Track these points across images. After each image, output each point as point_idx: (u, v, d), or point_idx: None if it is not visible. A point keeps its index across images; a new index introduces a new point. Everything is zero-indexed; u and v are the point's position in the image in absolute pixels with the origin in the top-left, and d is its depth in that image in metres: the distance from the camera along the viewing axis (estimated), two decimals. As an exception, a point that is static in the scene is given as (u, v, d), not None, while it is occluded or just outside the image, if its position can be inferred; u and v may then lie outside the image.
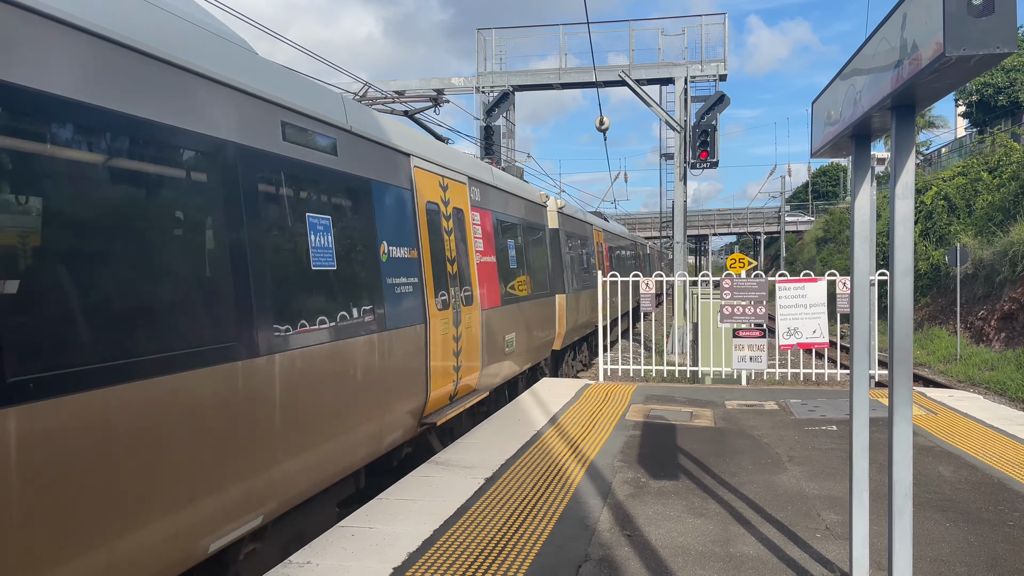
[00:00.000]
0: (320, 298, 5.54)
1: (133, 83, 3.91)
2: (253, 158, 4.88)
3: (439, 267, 8.00)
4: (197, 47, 4.51)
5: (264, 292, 4.82)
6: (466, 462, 6.78)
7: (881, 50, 3.22)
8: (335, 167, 6.01)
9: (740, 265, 19.23)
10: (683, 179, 21.32)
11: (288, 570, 4.38)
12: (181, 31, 4.42)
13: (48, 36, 3.44)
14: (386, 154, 7.06)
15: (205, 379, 4.21)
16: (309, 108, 5.68)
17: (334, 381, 5.63)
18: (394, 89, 23.96)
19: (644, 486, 6.08)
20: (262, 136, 5.03)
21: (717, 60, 21.44)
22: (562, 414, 9.03)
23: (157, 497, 3.83)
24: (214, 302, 4.39)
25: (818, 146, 4.50)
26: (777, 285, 10.51)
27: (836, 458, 6.92)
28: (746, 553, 4.67)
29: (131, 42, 3.90)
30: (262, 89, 5.08)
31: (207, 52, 4.59)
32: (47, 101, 3.40)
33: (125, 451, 3.65)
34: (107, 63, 3.76)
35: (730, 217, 67.25)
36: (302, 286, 5.33)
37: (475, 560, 4.55)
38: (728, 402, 9.92)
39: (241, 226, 4.66)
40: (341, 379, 5.75)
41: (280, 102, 5.30)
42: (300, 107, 5.56)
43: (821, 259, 45.02)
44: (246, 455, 4.53)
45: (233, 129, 4.72)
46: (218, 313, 4.40)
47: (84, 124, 3.59)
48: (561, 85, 22.92)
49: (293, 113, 5.46)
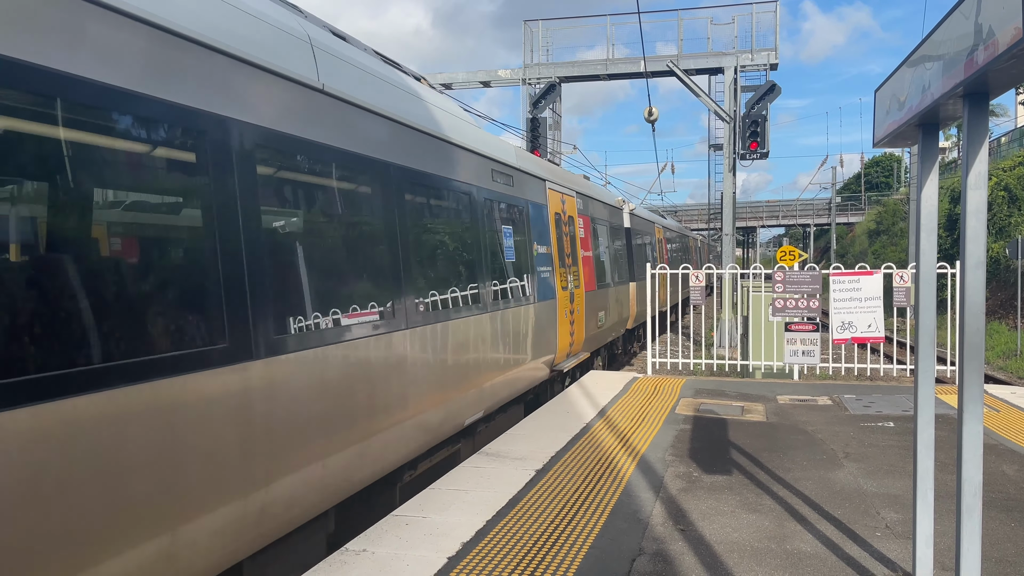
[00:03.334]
0: (513, 278, 8.59)
1: (437, 154, 6.78)
2: (482, 192, 7.93)
3: (562, 259, 10.78)
4: (459, 129, 7.47)
5: (497, 272, 8.05)
6: (516, 453, 6.79)
7: (953, 35, 3.11)
8: (512, 193, 9.01)
9: (791, 258, 18.90)
10: (732, 170, 21.01)
11: (345, 557, 4.45)
12: (452, 120, 7.42)
13: (404, 135, 6.12)
14: (533, 181, 9.99)
15: (475, 321, 7.25)
16: (501, 158, 8.70)
17: (517, 330, 8.51)
18: (441, 82, 24.03)
19: (696, 481, 6.02)
20: (484, 179, 8.05)
21: (768, 49, 21.05)
22: (611, 407, 8.99)
23: (447, 387, 6.55)
24: (474, 279, 7.41)
25: (881, 135, 4.38)
26: (831, 278, 10.29)
27: (894, 455, 6.77)
28: (803, 550, 4.59)
29: (437, 133, 6.79)
30: (484, 150, 8.06)
31: (463, 131, 7.59)
32: (415, 175, 6.27)
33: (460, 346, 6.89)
34: (429, 147, 6.59)
35: (779, 209, 66.12)
36: (505, 271, 8.37)
37: (528, 551, 4.56)
38: (780, 397, 9.76)
39: (482, 233, 7.78)
40: (520, 328, 8.63)
41: (490, 156, 8.25)
42: (497, 158, 8.53)
43: (873, 251, 44.02)
44: (477, 374, 7.30)
45: (473, 176, 7.67)
46: (477, 288, 7.44)
47: (423, 183, 6.45)
48: (608, 76, 22.74)
49: (495, 162, 8.46)
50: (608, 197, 15.96)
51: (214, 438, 3.69)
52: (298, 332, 4.42)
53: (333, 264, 4.99)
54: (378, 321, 5.35)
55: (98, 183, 3.32)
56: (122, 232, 3.48)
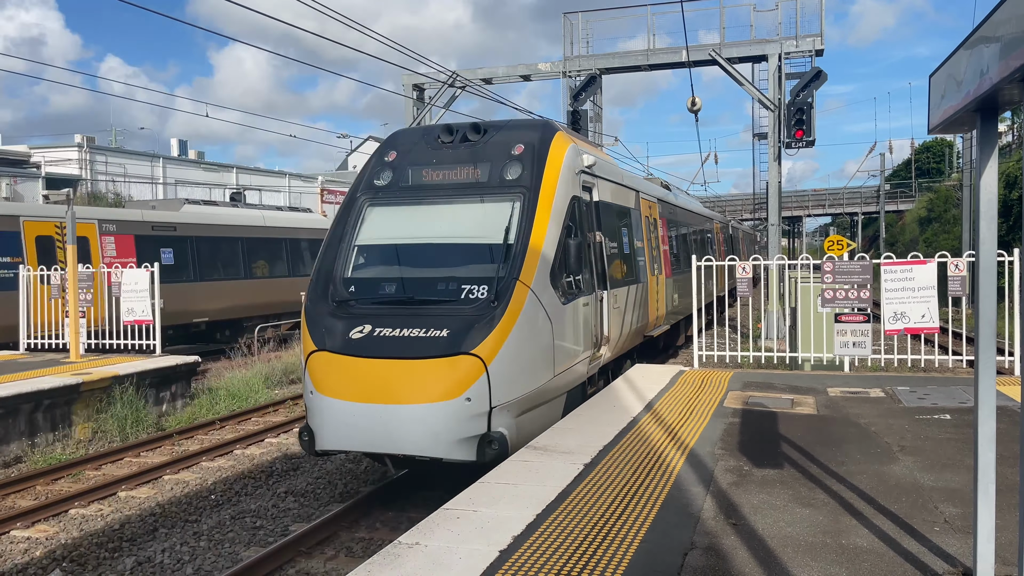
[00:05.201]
0: (628, 267, 11.85)
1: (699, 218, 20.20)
2: (647, 220, 13.66)
3: (650, 251, 13.70)
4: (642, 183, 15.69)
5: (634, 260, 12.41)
6: (564, 447, 6.81)
7: (1016, 14, 3.02)
8: (626, 205, 12.22)
9: (839, 247, 18.52)
10: (777, 159, 20.66)
11: (398, 550, 4.51)
12: (642, 183, 15.69)
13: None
14: (633, 193, 12.86)
15: (640, 287, 12.62)
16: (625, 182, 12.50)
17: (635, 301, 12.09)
18: (481, 77, 24.08)
19: (747, 474, 5.97)
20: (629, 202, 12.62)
21: (813, 35, 20.63)
22: (657, 400, 8.94)
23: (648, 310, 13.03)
24: (629, 266, 11.94)
25: (937, 121, 4.27)
26: (883, 268, 10.08)
27: (952, 448, 6.62)
28: (859, 545, 4.52)
29: (695, 209, 21.01)
30: (640, 186, 14.12)
31: (642, 183, 15.42)
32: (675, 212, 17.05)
33: (635, 302, 12.07)
34: (688, 212, 19.15)
35: (825, 197, 64.84)
36: (631, 261, 12.11)
37: (580, 544, 4.57)
38: (830, 389, 9.60)
39: (639, 238, 12.96)
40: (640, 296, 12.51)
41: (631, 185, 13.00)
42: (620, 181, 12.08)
43: (925, 239, 42.90)
44: (644, 309, 12.59)
45: (635, 210, 13.02)
46: (631, 269, 12.05)
47: (678, 223, 17.73)
48: (649, 67, 22.51)
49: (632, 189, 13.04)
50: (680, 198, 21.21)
51: (632, 304, 11.59)
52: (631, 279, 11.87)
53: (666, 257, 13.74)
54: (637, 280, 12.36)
55: (693, 239, 18.79)
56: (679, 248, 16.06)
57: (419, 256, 8.48)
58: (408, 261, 8.49)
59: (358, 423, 7.17)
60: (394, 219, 8.79)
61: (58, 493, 9.01)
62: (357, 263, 8.54)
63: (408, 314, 7.67)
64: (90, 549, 7.27)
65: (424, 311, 7.68)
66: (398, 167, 8.99)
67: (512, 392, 7.36)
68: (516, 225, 8.16)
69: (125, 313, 13.49)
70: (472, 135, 8.94)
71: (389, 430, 7.06)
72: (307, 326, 7.95)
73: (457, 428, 7.02)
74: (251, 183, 46.67)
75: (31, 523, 8.00)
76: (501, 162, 8.63)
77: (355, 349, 7.39)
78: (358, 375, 7.25)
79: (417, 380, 7.09)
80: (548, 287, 8.04)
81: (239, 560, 6.99)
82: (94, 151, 42.15)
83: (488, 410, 7.12)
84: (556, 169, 8.61)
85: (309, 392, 7.57)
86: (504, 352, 7.29)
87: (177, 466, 9.92)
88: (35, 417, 10.45)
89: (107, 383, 11.39)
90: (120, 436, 11.23)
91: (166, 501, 8.64)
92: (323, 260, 8.58)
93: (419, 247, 8.52)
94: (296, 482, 9.33)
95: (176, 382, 13.06)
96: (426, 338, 7.29)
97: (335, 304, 8.02)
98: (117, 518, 8.12)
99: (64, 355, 13.65)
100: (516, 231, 8.12)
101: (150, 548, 7.34)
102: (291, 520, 8.06)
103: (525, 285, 7.71)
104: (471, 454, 7.07)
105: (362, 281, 8.36)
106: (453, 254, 8.30)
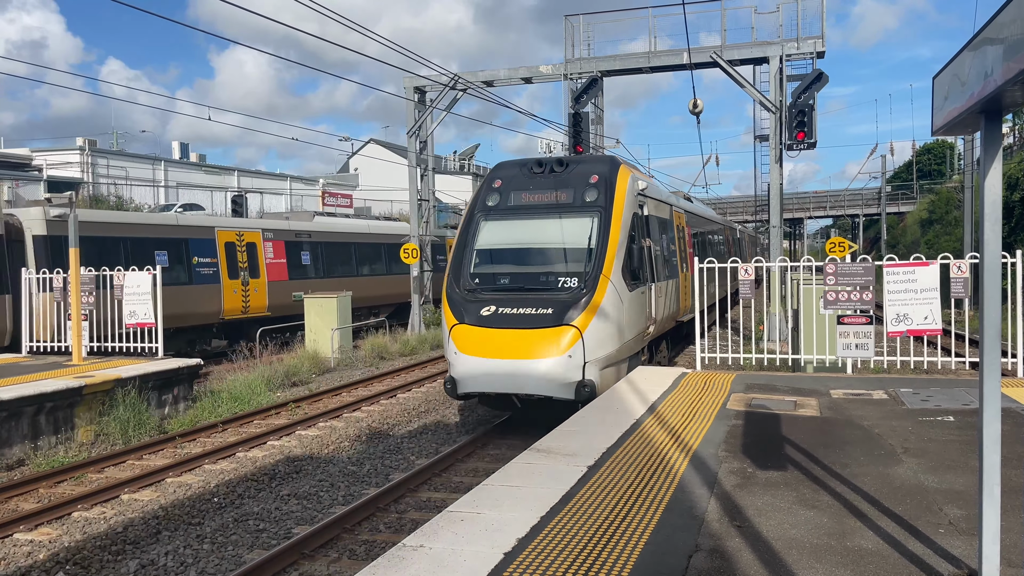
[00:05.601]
0: (668, 265, 14.16)
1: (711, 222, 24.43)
2: (679, 229, 16.63)
3: (681, 253, 16.13)
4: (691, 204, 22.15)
5: (673, 260, 15.14)
6: (567, 450, 6.80)
7: (1021, 16, 3.02)
8: (665, 216, 14.81)
9: (841, 249, 18.51)
10: (779, 161, 20.67)
11: (403, 552, 4.51)
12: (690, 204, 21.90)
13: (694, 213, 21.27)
14: (668, 207, 15.48)
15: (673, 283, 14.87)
16: (663, 198, 15.20)
17: (672, 292, 14.28)
18: (482, 79, 24.09)
19: (751, 476, 5.96)
20: (666, 214, 15.23)
21: (814, 37, 20.64)
22: (660, 403, 8.94)
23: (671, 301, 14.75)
24: (668, 265, 14.45)
25: (941, 123, 4.27)
26: (885, 270, 10.08)
27: (955, 450, 6.61)
28: (864, 547, 4.52)
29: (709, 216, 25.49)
30: (680, 204, 18.35)
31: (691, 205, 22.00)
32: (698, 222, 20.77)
33: (671, 293, 14.33)
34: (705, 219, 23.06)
35: (826, 199, 64.77)
36: (669, 261, 14.48)
37: (584, 546, 4.57)
38: (833, 391, 9.60)
39: (673, 242, 15.41)
40: (673, 292, 14.50)
41: (667, 200, 15.59)
42: (661, 198, 14.72)
43: (926, 241, 42.85)
44: (677, 300, 14.89)
45: (670, 220, 15.79)
46: (669, 267, 14.63)
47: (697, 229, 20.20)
48: (651, 69, 22.54)
49: (668, 203, 15.50)
50: (698, 207, 24.58)
51: (669, 294, 14.04)
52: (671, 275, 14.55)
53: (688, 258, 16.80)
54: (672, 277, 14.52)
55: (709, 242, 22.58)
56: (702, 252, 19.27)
57: (523, 257, 11.52)
58: (515, 260, 11.54)
59: (491, 373, 10.24)
60: (502, 229, 11.83)
61: (61, 496, 9.01)
62: (478, 261, 11.65)
63: (520, 298, 10.77)
64: (93, 552, 7.27)
65: (532, 296, 10.78)
66: (503, 191, 12.07)
67: (598, 352, 10.40)
68: (596, 235, 11.21)
69: (127, 316, 13.50)
70: (557, 167, 12.01)
71: (515, 377, 10.15)
72: (448, 307, 11.12)
73: (562, 376, 10.08)
74: (252, 186, 46.71)
75: (34, 526, 8.00)
76: (581, 188, 11.65)
77: (486, 323, 10.55)
78: (490, 340, 10.34)
79: (534, 343, 10.17)
80: (620, 279, 11.04)
81: (242, 563, 6.99)
82: (95, 154, 42.21)
83: (583, 364, 10.18)
84: (622, 193, 11.65)
85: (453, 353, 10.61)
86: (593, 324, 10.39)
87: (179, 469, 9.92)
88: (38, 420, 10.45)
89: (109, 386, 11.39)
90: (122, 439, 11.23)
91: (169, 504, 8.64)
92: (454, 260, 11.74)
93: (523, 250, 11.56)
94: (299, 485, 9.33)
95: (178, 384, 13.06)
96: (537, 315, 10.43)
97: (467, 291, 11.18)
98: (120, 521, 8.12)
99: (66, 358, 13.66)
100: (596, 239, 11.17)
101: (153, 551, 7.34)
102: (294, 523, 8.06)
103: (606, 277, 10.80)
104: (571, 394, 10.11)
105: (484, 274, 11.49)
106: (550, 256, 11.37)
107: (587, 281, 10.72)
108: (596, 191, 11.54)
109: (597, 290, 10.61)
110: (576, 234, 11.31)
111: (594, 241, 11.12)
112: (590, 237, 11.20)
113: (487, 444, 10.95)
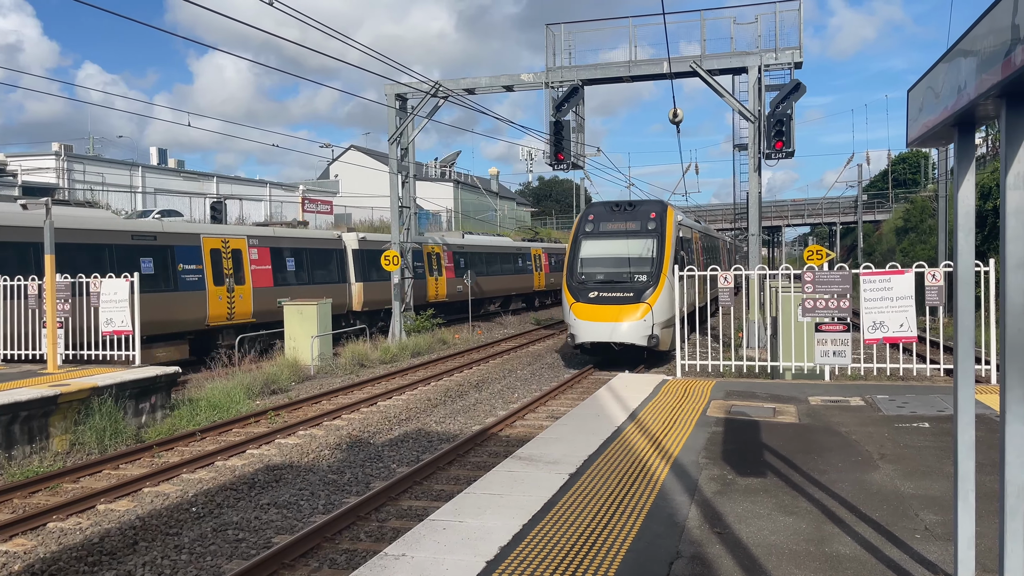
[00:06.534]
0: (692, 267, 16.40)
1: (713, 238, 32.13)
2: (695, 238, 24.16)
3: (696, 259, 21.20)
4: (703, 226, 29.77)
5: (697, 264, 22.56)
6: (549, 457, 6.82)
7: (995, 28, 3.09)
8: (690, 237, 22.15)
9: (819, 257, 18.70)
10: (758, 170, 20.87)
11: (384, 562, 4.50)
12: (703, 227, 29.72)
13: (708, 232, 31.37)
14: (690, 229, 21.99)
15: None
16: (689, 223, 22.99)
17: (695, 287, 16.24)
18: (464, 87, 24.13)
19: (731, 483, 6.01)
20: (690, 234, 22.77)
21: (792, 48, 20.88)
22: (641, 410, 8.98)
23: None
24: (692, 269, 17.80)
25: (915, 135, 4.35)
26: (862, 278, 10.21)
27: (931, 456, 6.70)
28: (842, 553, 4.57)
29: (711, 232, 31.77)
30: (692, 226, 24.91)
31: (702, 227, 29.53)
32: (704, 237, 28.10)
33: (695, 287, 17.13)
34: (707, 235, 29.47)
35: (804, 208, 65.50)
36: (694, 261, 21.70)
37: (567, 554, 4.58)
38: (811, 398, 9.70)
39: (693, 252, 22.81)
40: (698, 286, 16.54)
41: (690, 224, 22.98)
42: (689, 224, 22.62)
43: (902, 249, 43.43)
44: (694, 292, 18.02)
45: (691, 238, 23.28)
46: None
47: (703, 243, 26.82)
48: (631, 78, 22.67)
49: (690, 227, 23.43)
50: (705, 227, 30.31)
51: (694, 287, 16.13)
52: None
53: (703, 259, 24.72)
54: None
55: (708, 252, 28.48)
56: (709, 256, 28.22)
57: (611, 262, 19.01)
58: (606, 265, 19.00)
59: (598, 331, 17.87)
60: (598, 245, 19.41)
61: (36, 506, 8.87)
62: (583, 266, 19.23)
63: (612, 285, 18.45)
64: (69, 563, 7.17)
65: (619, 284, 18.43)
66: (595, 222, 19.73)
67: (660, 319, 17.70)
68: (656, 249, 18.75)
69: (104, 324, 13.34)
70: (628, 207, 19.81)
71: (612, 333, 17.78)
72: (568, 292, 18.86)
73: (641, 332, 17.65)
74: (231, 192, 46.39)
75: (8, 537, 7.87)
76: (645, 220, 19.19)
77: (593, 301, 18.21)
78: (596, 311, 18.04)
79: (623, 312, 17.83)
80: (672, 276, 14.05)
81: (221, 573, 6.92)
82: (71, 159, 41.71)
83: (652, 325, 17.64)
84: (670, 223, 19.18)
85: (573, 320, 18.31)
86: (658, 302, 17.78)
87: (157, 478, 9.81)
88: (12, 429, 10.30)
89: (85, 394, 11.25)
90: (98, 448, 11.09)
91: (146, 514, 8.54)
92: (569, 264, 19.46)
93: (611, 258, 19.08)
94: (278, 494, 9.26)
95: (156, 393, 12.92)
96: (624, 296, 18.04)
97: (578, 283, 18.84)
98: (96, 531, 8.01)
99: (41, 366, 13.47)
100: (656, 251, 18.70)
101: (130, 562, 7.25)
102: (274, 532, 8.00)
103: (663, 275, 18.01)
104: (645, 343, 17.63)
105: (588, 272, 19.03)
106: (628, 262, 18.87)
107: (652, 277, 18.25)
108: (655, 222, 19.02)
109: (660, 282, 18.01)
110: (644, 248, 18.84)
111: (655, 253, 18.64)
112: (652, 250, 18.74)
113: (469, 452, 10.94)
